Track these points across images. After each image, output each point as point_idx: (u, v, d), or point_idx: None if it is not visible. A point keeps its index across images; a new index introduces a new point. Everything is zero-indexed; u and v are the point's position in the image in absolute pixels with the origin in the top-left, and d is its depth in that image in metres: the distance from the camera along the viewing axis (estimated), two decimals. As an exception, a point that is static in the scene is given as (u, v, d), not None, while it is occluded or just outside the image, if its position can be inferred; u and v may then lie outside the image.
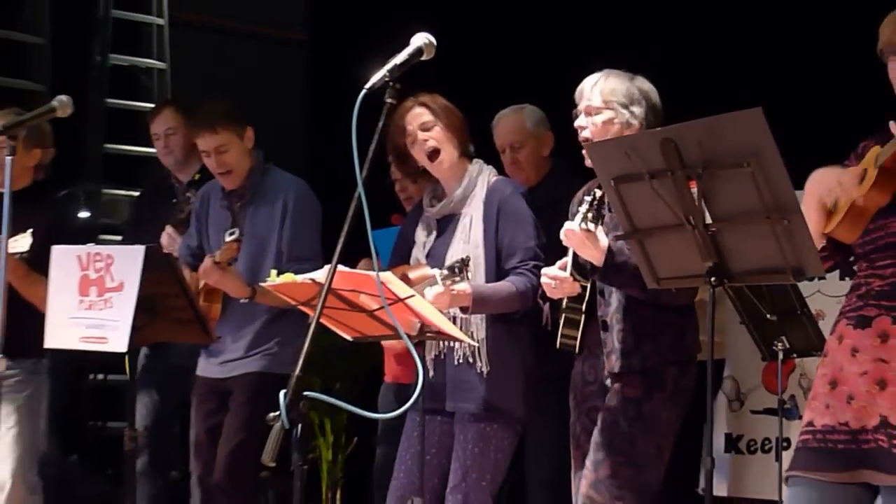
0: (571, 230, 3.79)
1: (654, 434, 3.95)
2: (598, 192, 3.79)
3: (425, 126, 4.39)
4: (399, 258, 4.58)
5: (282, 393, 2.84)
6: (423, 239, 4.51)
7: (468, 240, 4.36)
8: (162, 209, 5.66)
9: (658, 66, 4.17)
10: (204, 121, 5.03)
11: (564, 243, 3.86)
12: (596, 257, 3.81)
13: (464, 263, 4.07)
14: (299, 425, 2.86)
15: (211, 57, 8.35)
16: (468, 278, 4.11)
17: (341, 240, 2.99)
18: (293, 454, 2.90)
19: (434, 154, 4.40)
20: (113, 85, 7.96)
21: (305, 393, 2.87)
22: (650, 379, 3.95)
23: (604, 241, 3.80)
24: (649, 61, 4.16)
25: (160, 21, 8.16)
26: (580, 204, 3.93)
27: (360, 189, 2.95)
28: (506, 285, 4.27)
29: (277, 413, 2.83)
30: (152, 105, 7.10)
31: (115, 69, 8.01)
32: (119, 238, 6.46)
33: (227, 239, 4.91)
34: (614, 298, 4.01)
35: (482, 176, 4.44)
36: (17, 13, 7.72)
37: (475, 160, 4.49)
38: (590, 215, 3.82)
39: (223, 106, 5.09)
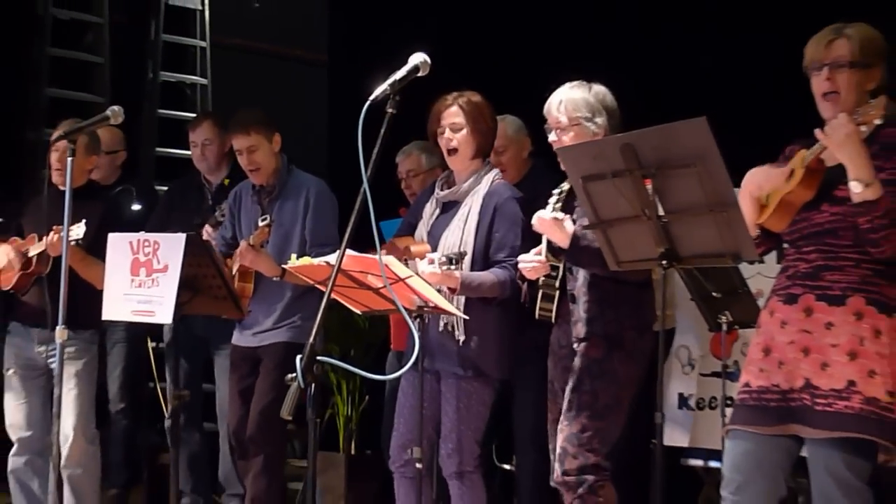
0: (542, 217, 3.85)
1: (614, 386, 3.96)
2: (566, 186, 3.82)
3: (454, 126, 4.36)
4: (407, 226, 4.59)
5: (298, 358, 2.85)
6: (428, 214, 4.50)
7: (463, 227, 4.36)
8: (190, 201, 5.67)
9: (618, 78, 4.16)
10: (238, 124, 5.06)
11: (535, 228, 3.90)
12: (562, 240, 3.84)
13: (460, 257, 4.09)
14: (313, 385, 2.87)
15: (246, 74, 8.37)
16: (461, 269, 4.12)
17: (349, 228, 3.00)
18: (308, 409, 2.91)
19: (452, 151, 4.40)
20: (163, 98, 7.98)
21: (318, 358, 2.88)
22: (611, 341, 3.97)
23: (570, 227, 3.83)
24: (611, 72, 4.16)
25: (203, 44, 8.17)
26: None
27: (365, 185, 2.95)
28: (490, 276, 4.25)
29: (294, 375, 2.84)
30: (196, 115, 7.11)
31: (165, 84, 8.02)
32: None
33: (260, 224, 4.91)
34: (580, 275, 4.02)
35: (488, 176, 4.42)
36: (81, 37, 7.77)
37: (488, 162, 4.49)
38: (559, 205, 3.87)
39: (255, 113, 5.11)
